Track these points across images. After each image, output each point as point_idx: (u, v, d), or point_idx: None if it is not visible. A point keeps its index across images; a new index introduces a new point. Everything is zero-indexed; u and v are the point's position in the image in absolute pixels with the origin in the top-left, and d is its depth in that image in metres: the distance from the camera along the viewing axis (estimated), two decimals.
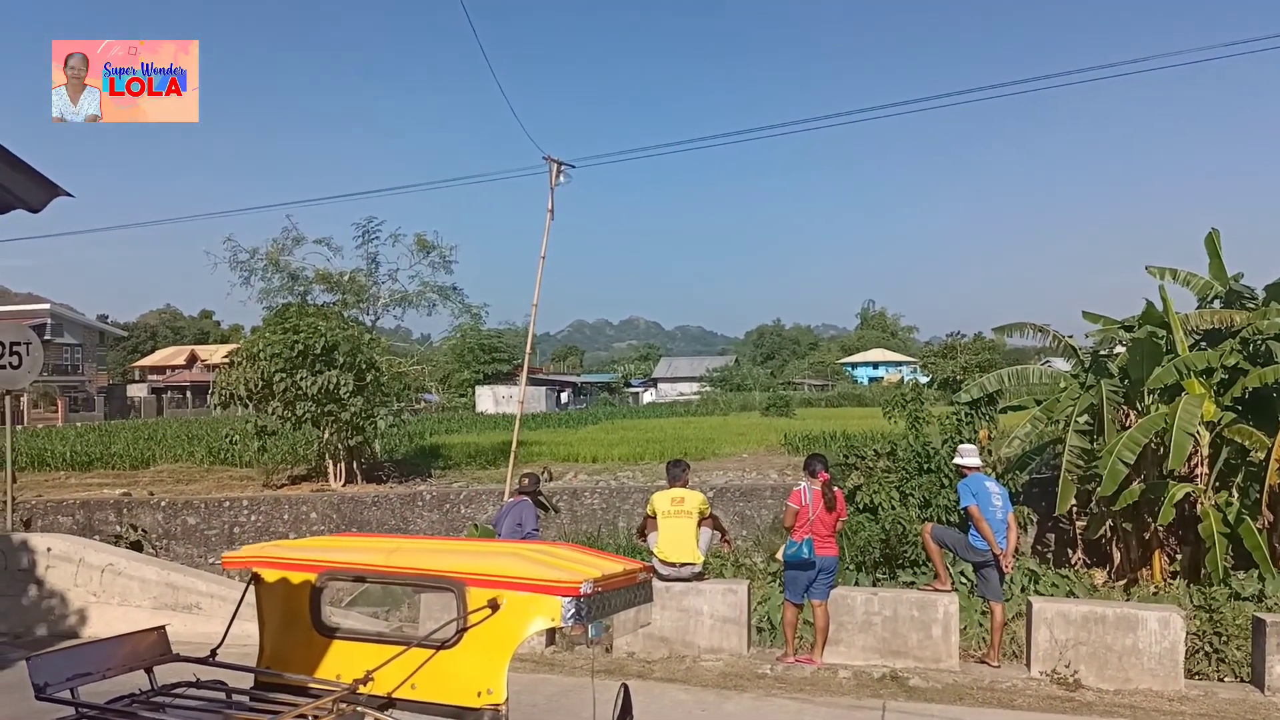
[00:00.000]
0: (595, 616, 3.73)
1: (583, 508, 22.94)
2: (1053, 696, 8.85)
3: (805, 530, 9.70)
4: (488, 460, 28.81)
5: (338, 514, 23.18)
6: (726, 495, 22.07)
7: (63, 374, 72.48)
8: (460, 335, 69.03)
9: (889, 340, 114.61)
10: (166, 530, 23.10)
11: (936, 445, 16.37)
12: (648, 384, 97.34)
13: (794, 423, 40.25)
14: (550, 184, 17.67)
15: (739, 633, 10.21)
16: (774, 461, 27.24)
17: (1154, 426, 14.18)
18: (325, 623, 4.13)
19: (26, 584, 11.99)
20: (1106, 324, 17.19)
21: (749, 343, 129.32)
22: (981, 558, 9.83)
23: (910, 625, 9.73)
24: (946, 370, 36.87)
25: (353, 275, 30.20)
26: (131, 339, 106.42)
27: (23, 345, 13.42)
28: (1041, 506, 17.24)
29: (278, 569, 4.11)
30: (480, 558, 4.02)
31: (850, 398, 64.62)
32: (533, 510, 11.30)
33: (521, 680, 8.63)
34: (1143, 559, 15.45)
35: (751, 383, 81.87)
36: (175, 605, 11.26)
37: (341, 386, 24.32)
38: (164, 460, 30.93)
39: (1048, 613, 9.43)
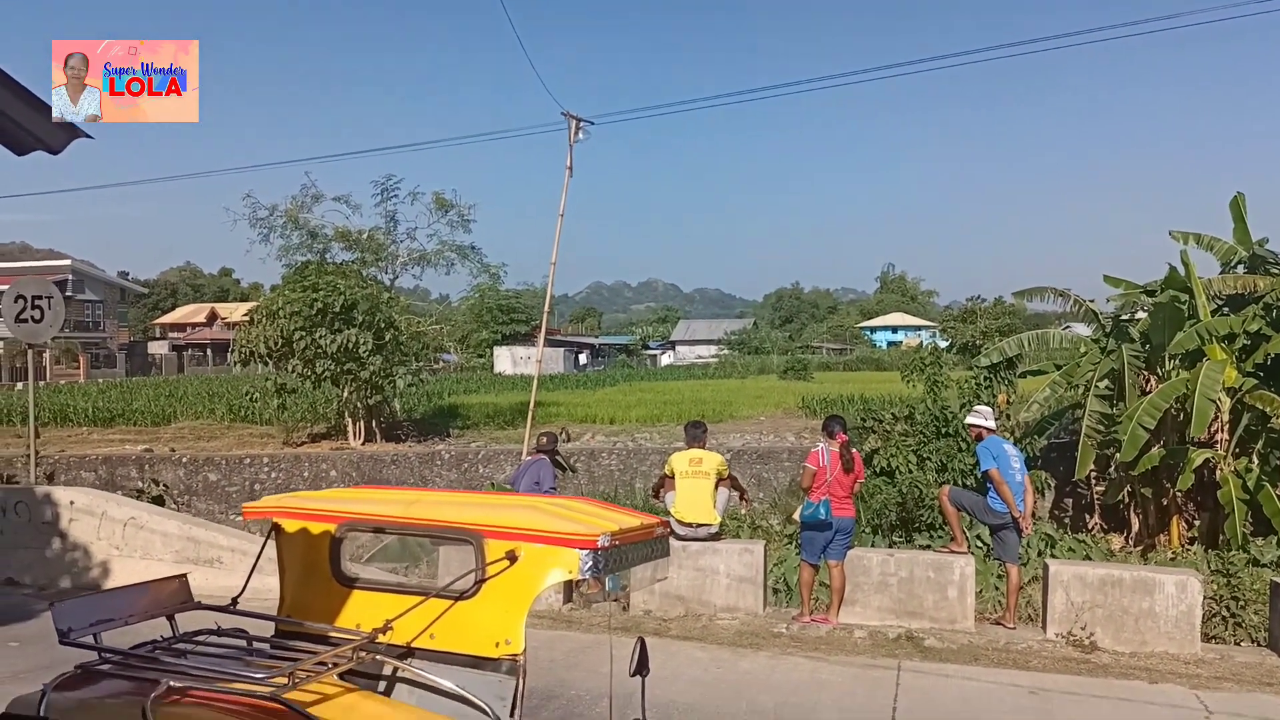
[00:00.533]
0: (612, 569, 3.73)
1: (600, 468, 23.02)
2: (1068, 658, 8.87)
3: (823, 491, 9.71)
4: (506, 420, 28.89)
5: (357, 472, 23.33)
6: (743, 457, 22.08)
7: (84, 330, 73.06)
8: (479, 295, 69.07)
9: (908, 304, 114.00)
10: (188, 486, 23.34)
11: (955, 409, 16.31)
12: (666, 346, 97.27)
13: (812, 386, 40.15)
14: (569, 140, 17.58)
15: (755, 592, 10.26)
16: (791, 424, 27.22)
17: (1175, 392, 14.08)
18: (345, 573, 4.15)
19: (50, 537, 12.16)
20: (1128, 288, 17.02)
21: (767, 306, 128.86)
22: (1000, 520, 9.82)
23: (926, 586, 9.75)
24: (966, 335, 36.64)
25: (371, 233, 30.20)
26: (152, 296, 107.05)
27: (44, 299, 13.52)
28: (1059, 471, 17.18)
29: (298, 519, 4.13)
30: (498, 510, 4.02)
31: (868, 362, 64.37)
32: (550, 469, 11.35)
33: (539, 637, 8.72)
34: (1161, 525, 15.40)
35: (770, 346, 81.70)
36: (197, 559, 11.40)
37: (361, 345, 24.38)
38: (185, 417, 31.17)
39: (1064, 575, 9.43)
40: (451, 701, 3.73)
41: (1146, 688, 8.15)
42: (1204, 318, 14.61)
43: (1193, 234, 16.39)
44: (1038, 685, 8.17)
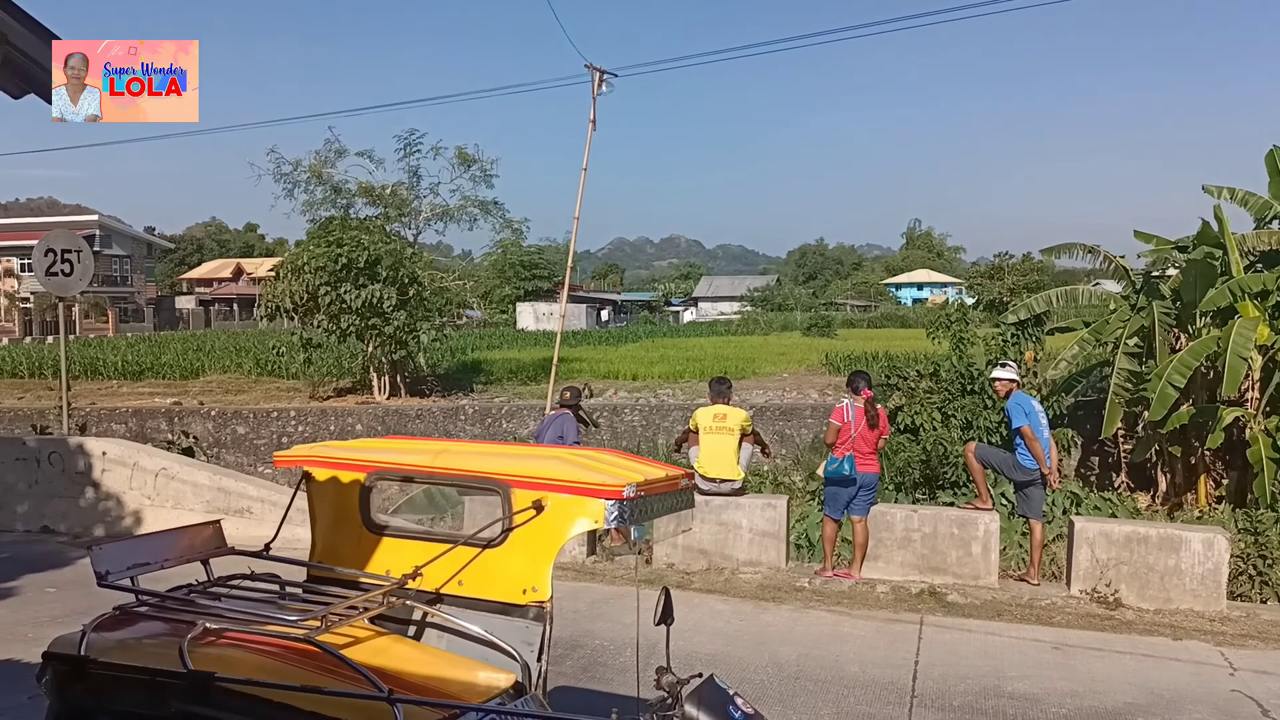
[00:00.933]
0: (637, 520, 3.75)
1: (623, 424, 23.09)
2: (1092, 615, 8.88)
3: (847, 447, 9.71)
4: (528, 376, 29.00)
5: (383, 426, 23.51)
6: (766, 414, 22.09)
7: (112, 285, 73.67)
8: (501, 251, 69.06)
9: (934, 261, 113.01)
10: (217, 439, 23.60)
11: (980, 367, 16.22)
12: (688, 303, 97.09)
13: (835, 343, 40.01)
14: (592, 93, 17.43)
15: (777, 547, 10.31)
16: (814, 381, 27.18)
17: (1206, 350, 13.93)
18: (374, 521, 4.20)
19: (84, 486, 12.36)
20: (1159, 244, 16.78)
21: (791, 262, 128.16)
22: (1028, 477, 9.79)
23: (950, 542, 9.76)
24: (993, 291, 36.26)
25: (394, 188, 30.12)
26: (178, 251, 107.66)
27: (73, 253, 13.63)
28: (1086, 429, 17.09)
29: (328, 468, 4.17)
30: (525, 460, 4.05)
31: (893, 319, 64.05)
32: (574, 423, 11.39)
33: (564, 588, 8.80)
34: (1188, 484, 15.31)
35: (793, 303, 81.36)
36: (227, 509, 11.56)
37: (385, 300, 24.45)
38: (213, 371, 31.47)
39: (1090, 532, 9.41)
40: (480, 646, 3.79)
41: (1170, 644, 8.16)
42: (1237, 274, 14.41)
43: (1226, 188, 16.10)
44: (1061, 641, 8.19)
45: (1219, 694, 7.05)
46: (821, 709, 6.66)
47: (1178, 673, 7.49)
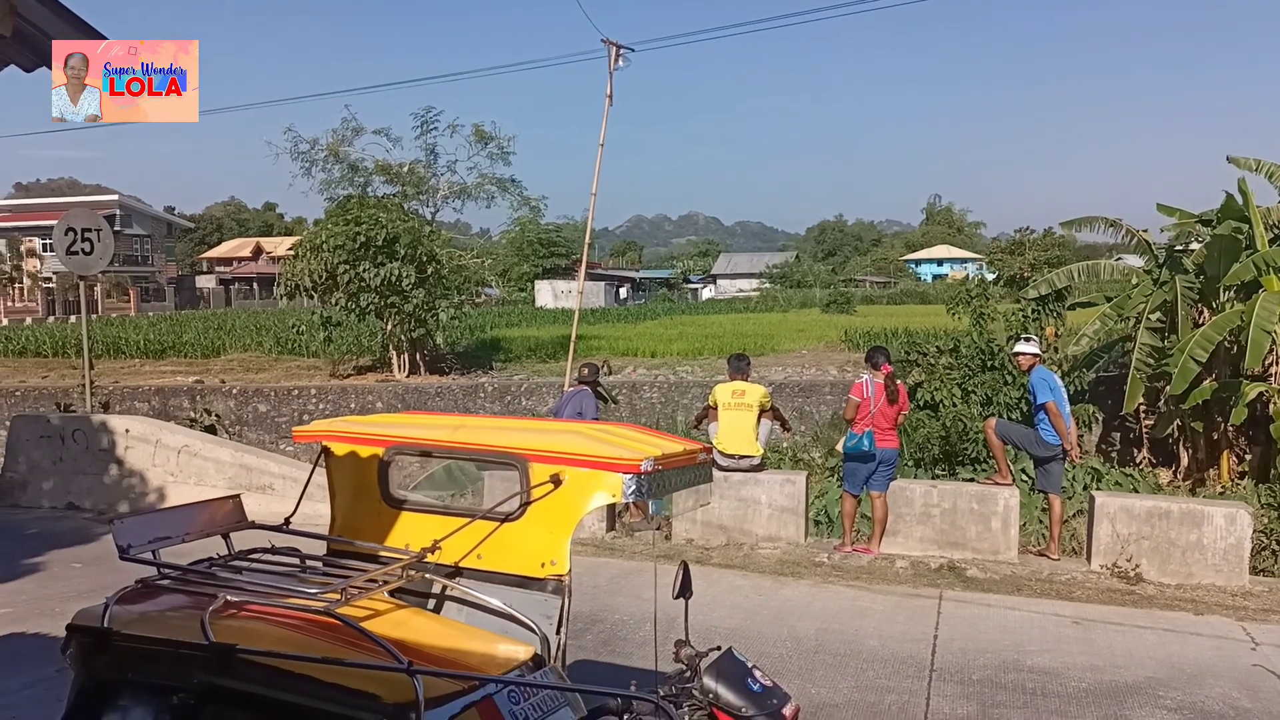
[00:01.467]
0: (655, 494, 3.75)
1: (641, 401, 23.11)
2: (1112, 589, 8.85)
3: (866, 422, 9.68)
4: (547, 354, 29.05)
5: (402, 404, 23.62)
6: (785, 391, 22.05)
7: (133, 264, 74.20)
8: (519, 228, 69.03)
9: (955, 236, 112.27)
10: (238, 417, 23.78)
11: (1001, 342, 16.11)
12: (707, 280, 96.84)
13: (855, 319, 39.89)
14: (609, 68, 17.32)
15: (796, 522, 10.31)
16: (833, 358, 27.11)
17: (1229, 324, 13.79)
18: (393, 495, 4.22)
19: (107, 463, 12.48)
20: (1183, 218, 16.57)
21: (810, 239, 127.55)
22: (1050, 452, 9.74)
23: (969, 518, 9.73)
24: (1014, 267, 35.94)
25: (412, 166, 30.17)
26: (198, 231, 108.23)
27: (94, 232, 13.70)
28: (1108, 405, 16.96)
29: (347, 443, 4.19)
30: (543, 435, 4.05)
31: (913, 295, 63.74)
32: (593, 399, 11.39)
33: (583, 564, 8.84)
34: (1210, 459, 15.20)
35: (812, 279, 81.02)
36: (249, 486, 11.65)
37: (403, 278, 24.54)
38: (234, 349, 31.67)
39: (1110, 507, 9.37)
40: (499, 619, 3.80)
41: (1192, 619, 8.13)
42: (1261, 248, 14.23)
43: (1252, 160, 15.88)
44: (1081, 615, 8.17)
45: (1241, 668, 7.02)
46: (840, 682, 6.68)
47: (1199, 647, 7.46)
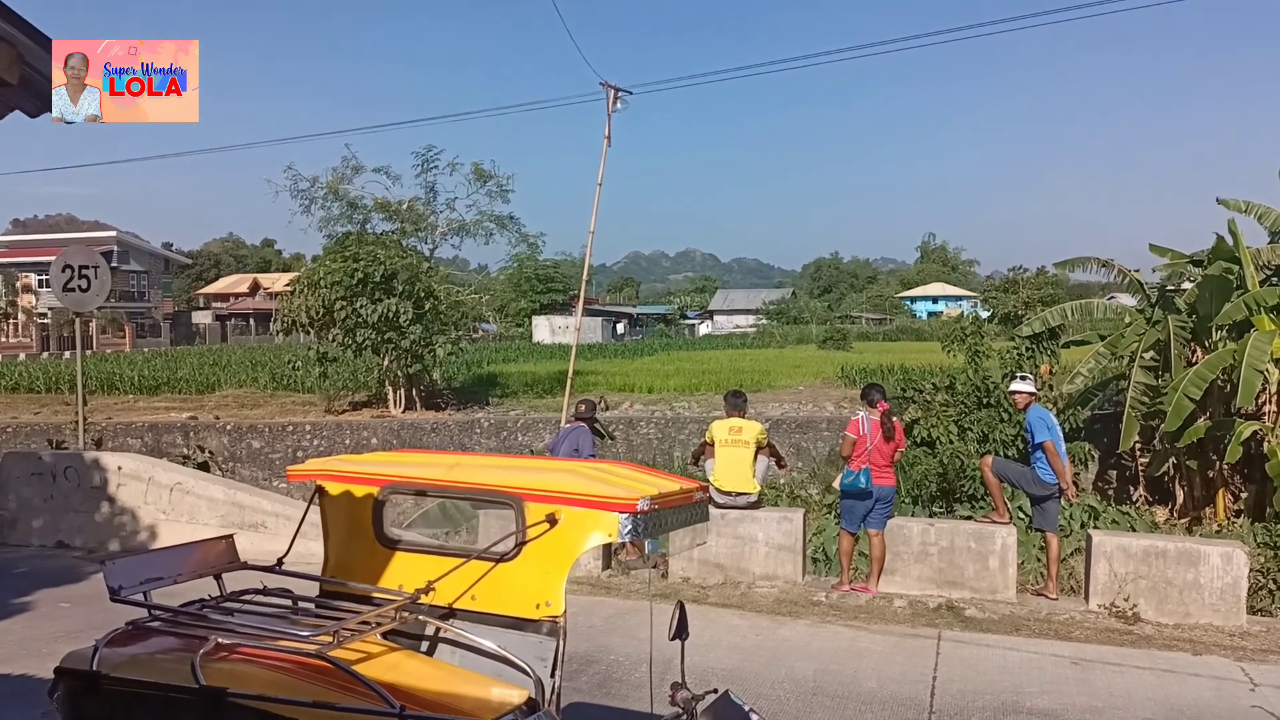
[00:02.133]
0: (651, 533, 3.73)
1: (638, 437, 23.07)
2: (1110, 629, 8.80)
3: (863, 460, 9.66)
4: (544, 389, 29.02)
5: (398, 440, 23.56)
6: (782, 427, 22.02)
7: (129, 300, 74.22)
8: (517, 265, 69.26)
9: (949, 274, 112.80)
10: (232, 453, 23.68)
11: (996, 380, 16.15)
12: (704, 316, 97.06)
13: (851, 356, 39.91)
14: (607, 110, 17.47)
15: (794, 560, 10.25)
16: (830, 394, 27.10)
17: (1222, 363, 13.86)
18: (387, 535, 4.20)
19: (99, 501, 12.40)
20: (1174, 258, 16.72)
21: (806, 276, 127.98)
22: (1047, 491, 9.72)
23: (967, 556, 9.69)
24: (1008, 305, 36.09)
25: (411, 204, 30.28)
26: (195, 267, 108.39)
27: (91, 269, 13.72)
28: (1103, 443, 16.99)
29: (341, 482, 4.17)
30: (539, 474, 4.04)
31: (909, 332, 63.88)
32: (589, 436, 11.37)
33: (578, 603, 8.78)
34: (1206, 497, 15.20)
35: (808, 316, 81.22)
36: (241, 524, 11.58)
37: (401, 314, 24.55)
38: (229, 385, 31.60)
39: (1107, 546, 9.33)
40: (493, 662, 3.77)
41: (1190, 659, 8.07)
42: (1252, 288, 14.34)
43: (1241, 202, 16.06)
44: (1079, 656, 8.11)
45: (1240, 710, 6.96)
46: None
47: (1198, 688, 7.40)
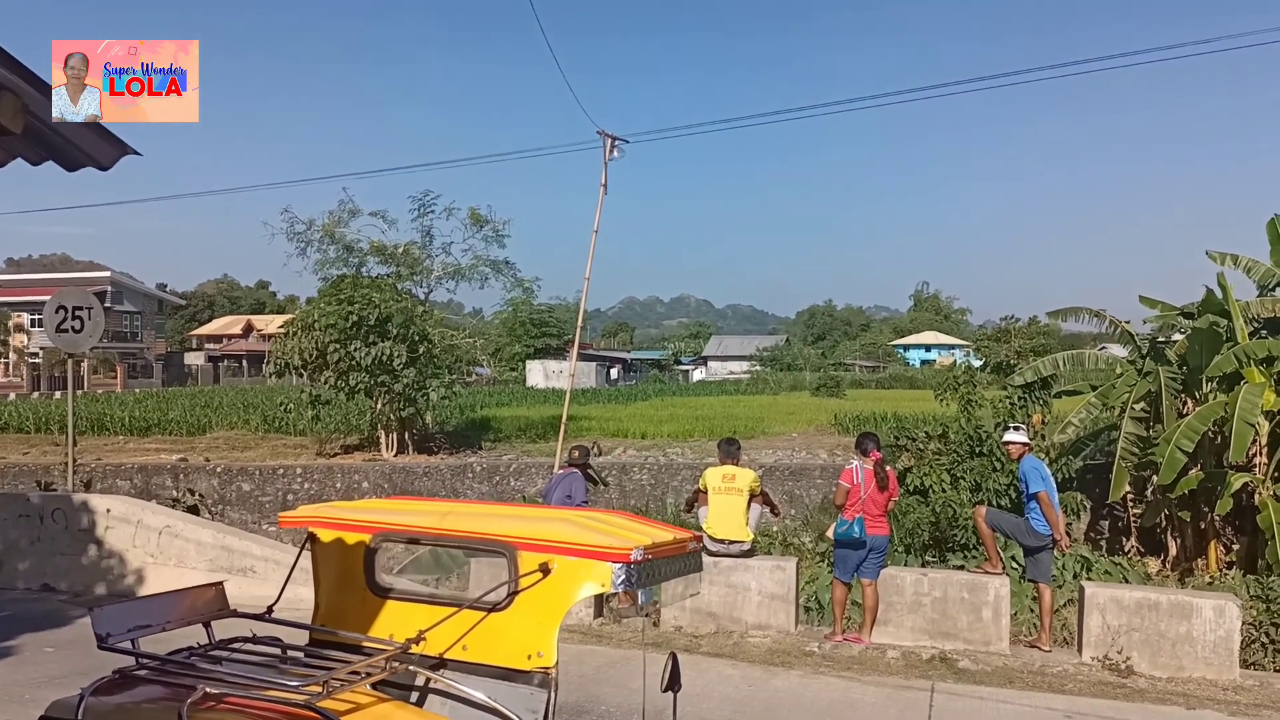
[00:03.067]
0: (645, 583, 3.72)
1: (631, 483, 23.02)
2: (1104, 682, 8.74)
3: (856, 509, 9.64)
4: (537, 434, 28.97)
5: (389, 484, 23.47)
6: (776, 474, 22.00)
7: (122, 341, 74.07)
8: (512, 309, 69.38)
9: (942, 323, 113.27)
10: (221, 496, 23.57)
11: (989, 429, 16.17)
12: (698, 362, 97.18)
13: (844, 403, 39.98)
14: (604, 158, 17.64)
15: (787, 610, 10.19)
16: (824, 441, 27.10)
17: (1213, 415, 13.90)
18: (379, 583, 4.17)
19: (86, 544, 12.29)
20: (1164, 310, 16.85)
21: (800, 323, 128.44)
22: (1040, 542, 9.70)
23: (960, 607, 9.64)
24: (1000, 354, 36.34)
25: (407, 248, 30.43)
26: (189, 308, 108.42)
27: (85, 310, 13.71)
28: (1095, 493, 16.98)
29: (333, 529, 4.16)
30: (532, 522, 4.03)
31: (902, 380, 64.03)
32: (583, 482, 11.34)
33: (570, 651, 8.70)
34: (1198, 549, 15.18)
35: (802, 362, 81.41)
36: (230, 568, 11.47)
37: (394, 358, 24.58)
38: (220, 427, 31.51)
39: (1100, 598, 9.29)
40: (483, 713, 3.74)
41: (1184, 714, 8.01)
42: (1242, 340, 14.44)
43: (1229, 255, 16.21)
44: (1073, 709, 8.05)
45: None
46: None
47: None
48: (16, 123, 4.85)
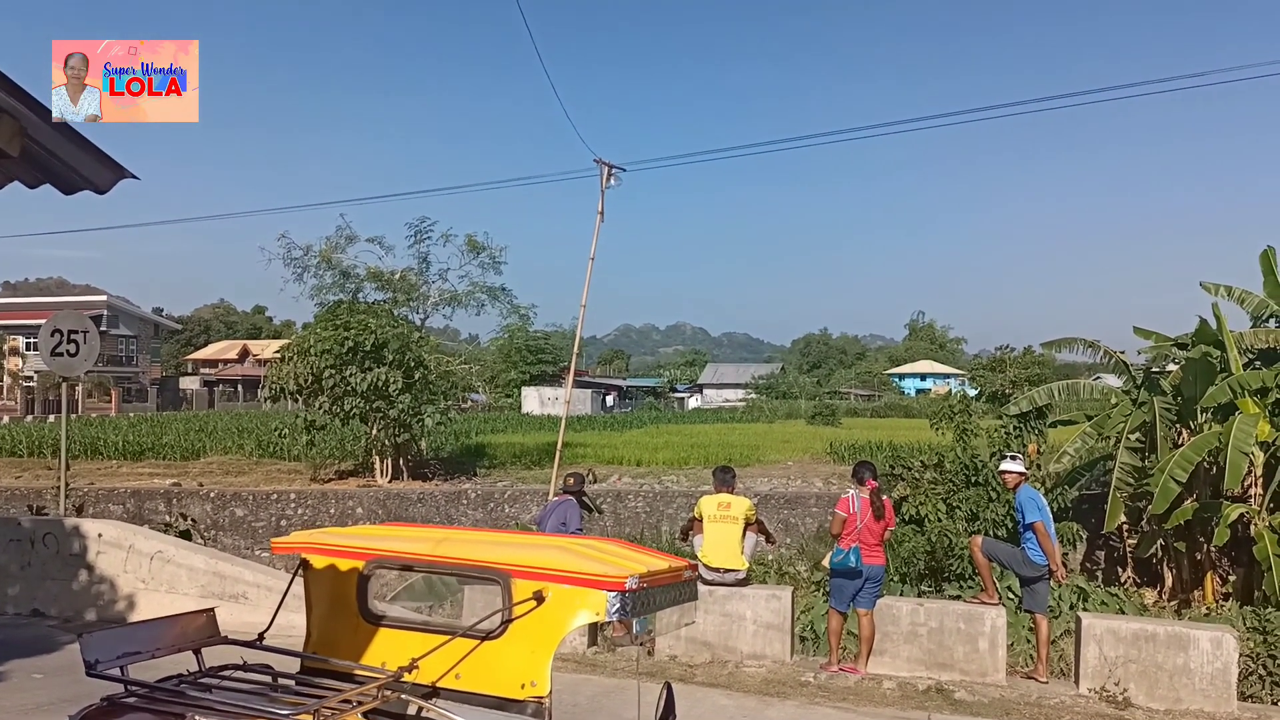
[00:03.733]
0: (639, 612, 3.70)
1: (626, 510, 22.95)
2: (1101, 714, 8.68)
3: (852, 538, 9.61)
4: (532, 460, 28.92)
5: (383, 510, 23.38)
6: (771, 502, 21.94)
7: (118, 365, 73.96)
8: (508, 336, 69.46)
9: (937, 352, 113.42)
10: (215, 521, 23.45)
11: (984, 458, 16.14)
12: (693, 389, 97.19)
13: (840, 432, 39.95)
14: (601, 186, 17.70)
15: (782, 639, 10.13)
16: (819, 470, 27.06)
17: (1207, 445, 13.91)
18: (372, 610, 4.14)
19: (77, 569, 12.21)
20: (1159, 340, 16.90)
21: (796, 351, 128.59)
22: (1037, 573, 9.67)
23: (956, 637, 9.59)
24: (995, 383, 36.33)
25: (404, 274, 30.52)
26: (185, 332, 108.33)
27: (80, 334, 13.68)
28: (1091, 523, 16.94)
29: (326, 555, 4.13)
30: (526, 550, 4.01)
31: (897, 408, 64.06)
32: (577, 509, 11.29)
33: (563, 680, 8.63)
34: (1195, 580, 15.13)
35: (798, 391, 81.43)
36: (222, 594, 11.39)
37: (390, 384, 24.54)
38: (214, 452, 31.42)
39: (1097, 629, 9.25)
40: None
41: None
42: (1236, 371, 14.47)
43: (1223, 286, 16.28)
44: None
45: None
46: None
47: None
48: (14, 145, 4.85)
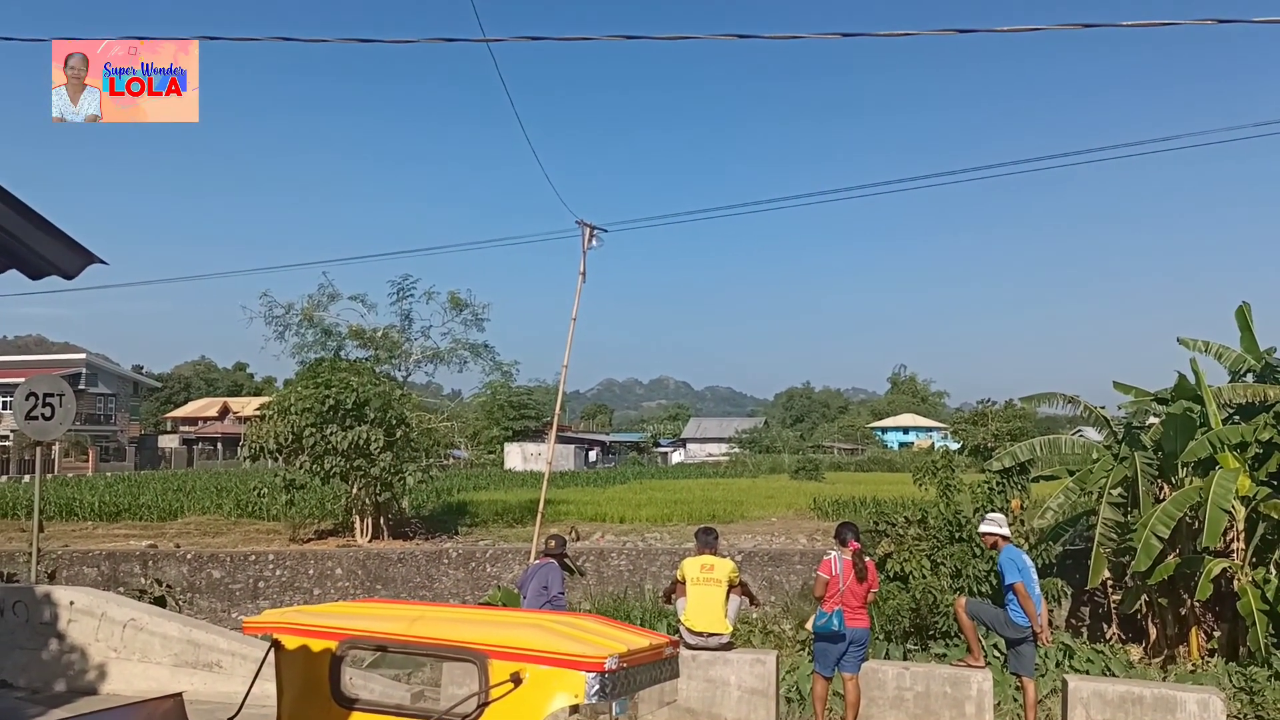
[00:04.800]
0: (619, 694, 3.64)
1: (609, 569, 22.75)
2: None
3: (836, 601, 9.52)
4: (515, 518, 28.70)
5: (363, 570, 23.11)
6: (755, 560, 21.81)
7: (95, 424, 73.23)
8: (490, 392, 69.28)
9: (919, 405, 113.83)
10: (191, 583, 23.10)
11: (968, 514, 16.11)
12: (676, 444, 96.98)
13: (823, 486, 39.88)
14: (582, 247, 17.77)
15: (767, 705, 9.98)
16: (803, 526, 26.96)
17: (1188, 500, 13.93)
18: (345, 693, 4.06)
19: (48, 638, 11.96)
20: (1138, 395, 17.00)
21: (778, 405, 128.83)
22: (1021, 634, 9.60)
23: (943, 702, 9.48)
24: (977, 437, 36.43)
25: (386, 331, 30.51)
26: (165, 390, 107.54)
27: (55, 397, 13.54)
28: (1075, 579, 16.89)
29: (299, 635, 4.06)
30: (503, 629, 3.95)
31: (880, 462, 64.07)
32: (559, 573, 11.17)
33: None
34: (1180, 635, 15.07)
35: (781, 445, 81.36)
36: (196, 663, 11.17)
37: (371, 442, 24.40)
38: (192, 512, 31.04)
39: (1084, 692, 9.17)
40: None
41: None
42: (1215, 426, 14.56)
43: (1202, 342, 16.42)
44: None
45: None
46: None
47: None
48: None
